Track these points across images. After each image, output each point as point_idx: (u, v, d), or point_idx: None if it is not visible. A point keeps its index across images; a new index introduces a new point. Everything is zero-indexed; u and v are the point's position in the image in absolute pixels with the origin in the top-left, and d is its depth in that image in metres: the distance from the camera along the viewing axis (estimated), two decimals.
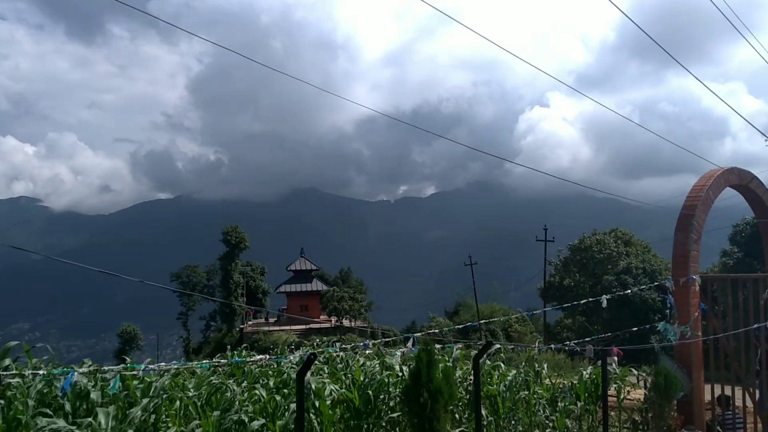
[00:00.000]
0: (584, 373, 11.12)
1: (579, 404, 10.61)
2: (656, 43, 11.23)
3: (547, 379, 11.49)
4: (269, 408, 8.36)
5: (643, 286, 26.66)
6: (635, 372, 12.13)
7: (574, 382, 10.97)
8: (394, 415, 8.34)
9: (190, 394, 9.35)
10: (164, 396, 8.57)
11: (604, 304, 11.08)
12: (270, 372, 11.25)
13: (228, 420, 8.01)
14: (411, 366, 7.35)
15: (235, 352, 15.73)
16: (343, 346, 9.16)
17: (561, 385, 11.02)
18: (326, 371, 11.77)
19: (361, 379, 8.96)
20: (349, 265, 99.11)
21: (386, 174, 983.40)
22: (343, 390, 8.63)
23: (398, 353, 8.81)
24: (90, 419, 6.81)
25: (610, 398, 11.92)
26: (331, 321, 70.20)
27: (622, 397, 11.39)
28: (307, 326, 69.83)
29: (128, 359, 9.65)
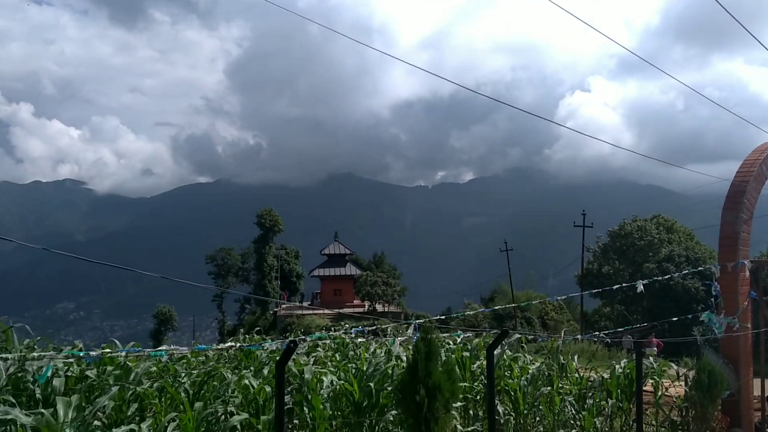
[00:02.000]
0: (617, 366, 10.03)
1: (610, 402, 9.52)
2: (739, 23, 9.95)
3: (576, 372, 10.45)
4: (259, 400, 7.55)
5: (686, 272, 24.89)
6: (674, 367, 10.98)
7: (606, 376, 9.88)
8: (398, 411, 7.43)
9: (183, 381, 8.61)
10: (146, 383, 7.83)
11: (640, 289, 9.92)
12: (277, 359, 10.47)
13: (210, 413, 7.19)
14: (407, 357, 6.43)
15: (247, 336, 15.05)
16: (332, 333, 8.21)
17: (591, 380, 9.96)
18: (337, 358, 10.94)
19: (365, 368, 8.08)
20: (387, 250, 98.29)
21: (424, 159, 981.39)
22: (342, 381, 7.72)
23: (397, 341, 7.87)
24: (43, 409, 6.04)
25: (646, 394, 10.83)
26: (364, 306, 69.57)
27: (659, 393, 10.26)
28: (340, 310, 69.36)
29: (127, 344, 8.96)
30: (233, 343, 5.23)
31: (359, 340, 9.27)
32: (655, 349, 24.29)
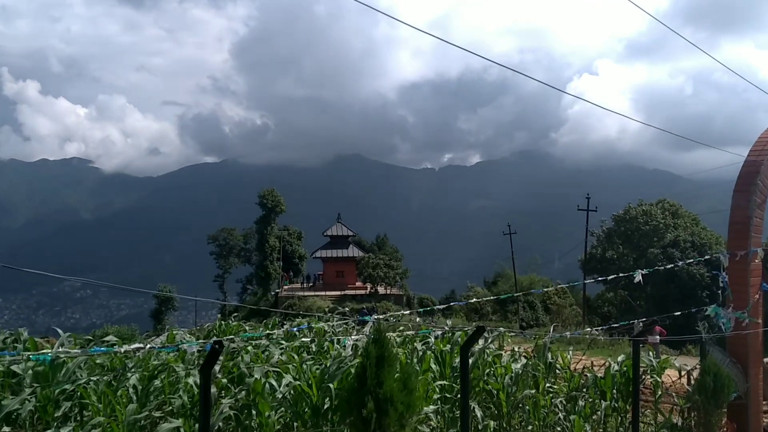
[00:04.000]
0: (613, 364, 9.10)
1: (604, 404, 8.58)
2: None
3: (568, 368, 9.54)
4: None
5: (691, 260, 23.64)
6: (677, 365, 10.04)
7: (599, 375, 8.94)
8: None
9: (129, 377, 7.70)
10: (79, 381, 6.95)
11: (637, 279, 8.93)
12: (247, 349, 9.53)
13: (143, 416, 6.29)
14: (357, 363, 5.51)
15: (224, 322, 14.22)
16: (262, 332, 7.27)
17: (584, 378, 9.05)
18: (313, 350, 10.08)
19: (328, 365, 7.18)
20: (393, 232, 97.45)
21: (431, 141, 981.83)
22: (299, 382, 6.81)
23: (349, 341, 6.93)
24: None
25: (644, 391, 9.95)
26: (366, 288, 68.94)
27: (659, 393, 9.34)
28: (342, 292, 68.98)
29: None
30: (141, 344, 4.32)
31: (303, 339, 8.23)
32: (658, 337, 23.47)
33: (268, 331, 7.39)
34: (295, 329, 8.23)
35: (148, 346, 4.30)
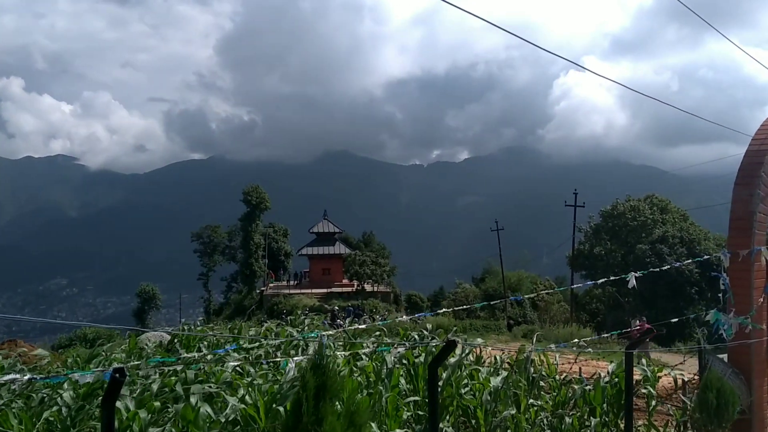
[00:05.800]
0: (603, 375, 8.28)
1: (594, 420, 7.74)
2: None
3: (554, 378, 8.73)
4: (134, 428, 5.78)
5: (689, 260, 22.62)
6: (672, 373, 9.22)
7: (588, 388, 8.10)
8: None
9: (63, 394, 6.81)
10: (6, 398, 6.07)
11: (632, 284, 8.13)
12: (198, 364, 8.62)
13: None
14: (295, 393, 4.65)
15: (188, 326, 13.32)
16: (182, 356, 6.36)
17: (571, 391, 8.22)
18: (278, 357, 9.20)
19: (281, 383, 6.31)
20: (381, 228, 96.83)
21: (419, 138, 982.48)
22: (243, 405, 5.92)
23: (292, 363, 6.03)
24: None
25: (637, 399, 9.15)
26: (353, 285, 68.11)
27: (652, 405, 8.52)
28: (329, 290, 68.20)
29: None
30: (19, 375, 3.40)
31: (233, 363, 7.23)
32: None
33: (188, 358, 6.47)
34: (220, 350, 7.30)
35: (27, 376, 3.43)
